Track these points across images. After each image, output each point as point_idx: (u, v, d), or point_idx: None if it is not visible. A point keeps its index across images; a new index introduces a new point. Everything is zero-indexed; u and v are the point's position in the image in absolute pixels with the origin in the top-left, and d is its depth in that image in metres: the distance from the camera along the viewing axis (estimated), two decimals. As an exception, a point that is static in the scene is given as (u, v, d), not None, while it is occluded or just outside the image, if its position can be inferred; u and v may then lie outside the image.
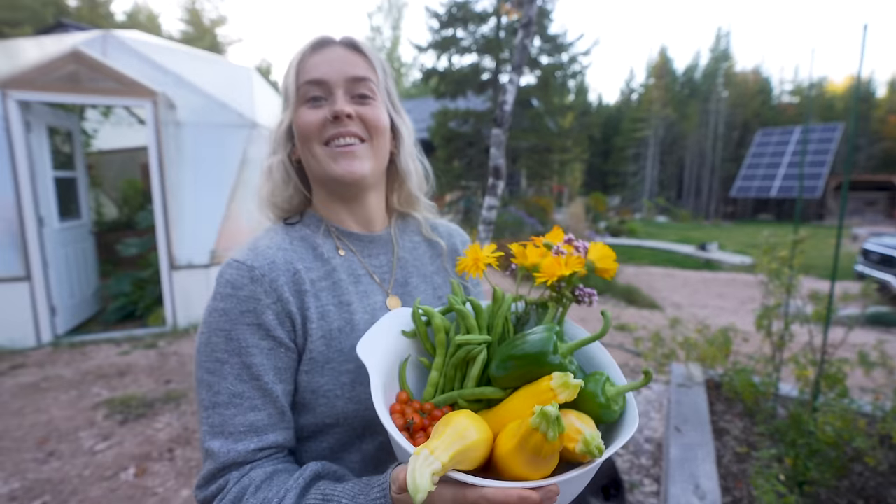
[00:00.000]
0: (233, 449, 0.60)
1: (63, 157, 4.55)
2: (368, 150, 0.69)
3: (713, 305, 7.53)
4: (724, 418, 1.90)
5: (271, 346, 0.63)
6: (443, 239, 0.85)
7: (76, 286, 4.42)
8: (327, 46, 0.70)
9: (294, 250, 0.69)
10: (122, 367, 3.50)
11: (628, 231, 16.88)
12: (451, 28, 11.78)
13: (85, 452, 2.42)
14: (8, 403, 2.95)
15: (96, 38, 4.69)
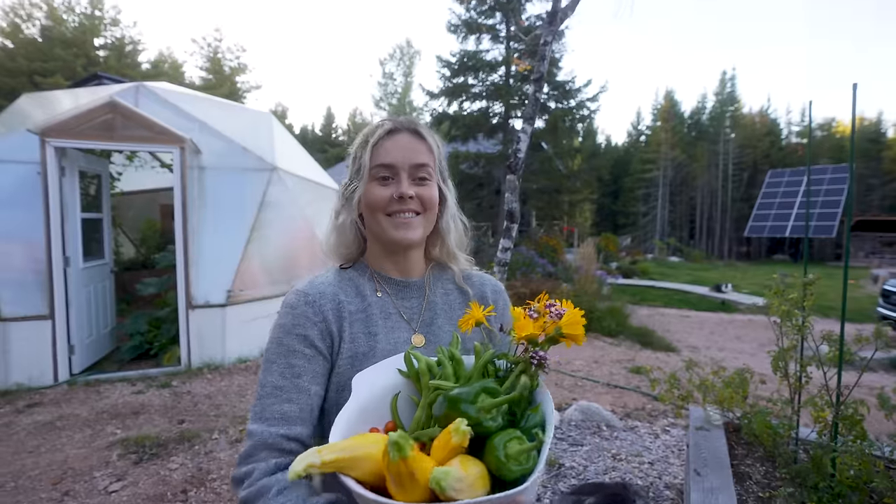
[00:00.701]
0: (266, 430, 0.74)
1: (90, 198, 4.75)
2: (422, 221, 0.86)
3: (731, 348, 7.38)
4: (744, 462, 1.86)
5: (313, 354, 0.80)
6: (474, 287, 0.96)
7: (94, 325, 4.51)
8: (397, 133, 0.86)
9: (341, 287, 0.87)
10: (137, 406, 3.52)
11: (640, 271, 16.77)
12: (462, 76, 12.28)
13: (100, 493, 2.42)
14: (24, 442, 2.97)
15: (129, 88, 5.00)
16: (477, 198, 12.41)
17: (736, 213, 35.40)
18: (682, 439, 3.08)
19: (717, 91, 40.24)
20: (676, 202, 38.68)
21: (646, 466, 2.68)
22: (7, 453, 2.83)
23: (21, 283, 3.86)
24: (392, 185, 0.84)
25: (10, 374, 3.78)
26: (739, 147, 36.87)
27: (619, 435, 3.15)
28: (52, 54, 23.48)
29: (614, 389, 4.25)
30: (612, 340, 6.92)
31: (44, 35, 24.73)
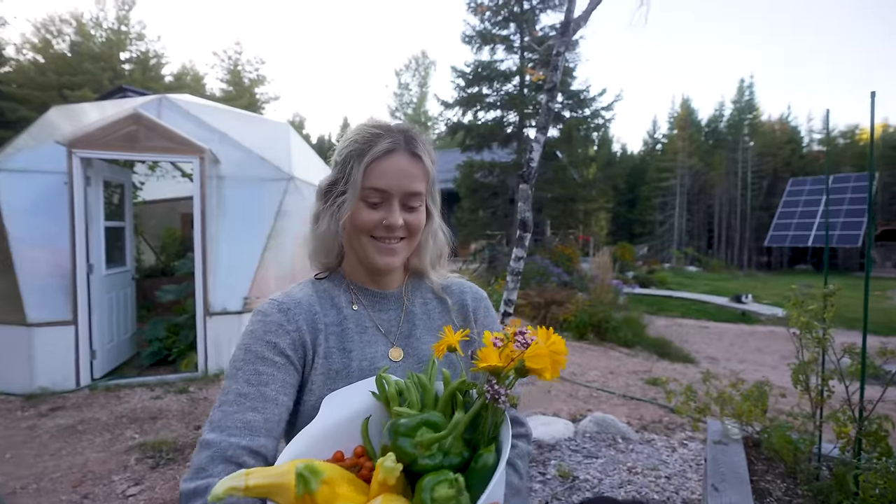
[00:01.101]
0: (225, 441, 0.66)
1: (113, 207, 4.89)
2: (406, 246, 0.84)
3: (752, 360, 7.21)
4: (764, 478, 1.81)
5: (283, 363, 0.75)
6: (453, 296, 0.93)
7: (115, 331, 4.61)
8: (394, 153, 0.80)
9: (317, 298, 0.84)
10: (154, 411, 3.58)
11: (657, 281, 16.53)
12: (477, 86, 12.37)
13: (118, 496, 2.46)
14: (47, 445, 3.04)
15: (153, 100, 5.15)
16: (491, 207, 12.41)
17: (756, 222, 34.73)
18: (700, 453, 3.01)
19: (735, 99, 39.75)
20: (694, 211, 38.12)
21: (662, 480, 2.62)
22: (30, 455, 2.90)
23: (46, 289, 3.98)
24: (382, 210, 0.80)
25: (35, 378, 3.88)
26: (759, 155, 36.27)
27: (635, 448, 3.09)
28: (81, 68, 24.33)
29: (630, 401, 4.18)
30: (628, 351, 6.82)
31: (73, 50, 25.65)
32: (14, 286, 3.89)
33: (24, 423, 3.36)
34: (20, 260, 3.95)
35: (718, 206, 36.83)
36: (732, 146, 37.20)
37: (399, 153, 0.80)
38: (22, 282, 3.91)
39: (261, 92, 33.38)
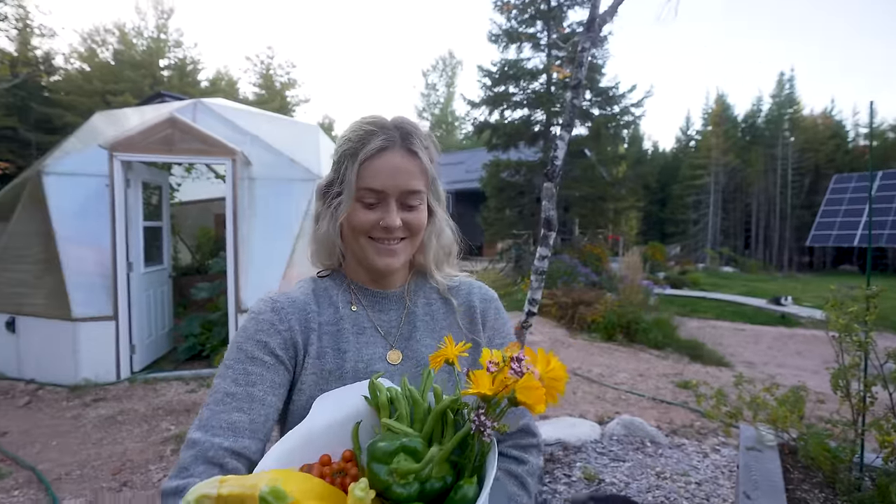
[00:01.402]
0: (209, 441, 0.65)
1: (151, 208, 5.09)
2: (406, 246, 0.81)
3: (791, 364, 6.91)
4: (801, 487, 1.74)
5: (273, 363, 0.74)
6: (459, 296, 0.88)
7: (153, 326, 4.80)
8: (388, 151, 0.76)
9: (314, 297, 0.83)
10: (189, 404, 3.71)
11: (690, 282, 16.04)
12: (503, 85, 12.29)
13: (153, 485, 2.56)
14: (90, 434, 3.20)
15: (188, 105, 5.34)
16: (518, 206, 12.32)
17: (796, 221, 33.28)
18: (733, 460, 2.91)
19: (774, 93, 38.16)
20: (730, 209, 36.82)
21: (692, 487, 2.55)
22: (74, 443, 3.06)
23: (90, 286, 4.18)
24: (378, 210, 0.77)
25: (79, 370, 4.09)
26: (800, 151, 34.72)
27: (664, 452, 3.01)
28: (123, 75, 25.45)
29: (660, 404, 4.08)
30: (658, 353, 6.65)
31: (116, 58, 26.88)
32: (61, 283, 4.11)
33: (69, 412, 3.55)
34: (67, 258, 4.17)
35: (756, 204, 35.47)
36: (771, 142, 35.73)
37: (393, 150, 0.76)
38: (68, 279, 4.12)
39: (291, 95, 34.12)
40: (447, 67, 40.96)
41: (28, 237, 4.39)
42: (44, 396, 3.85)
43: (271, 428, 0.73)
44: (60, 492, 2.48)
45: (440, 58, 43.51)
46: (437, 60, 42.51)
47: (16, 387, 4.01)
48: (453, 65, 40.90)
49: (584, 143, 11.97)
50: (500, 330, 0.89)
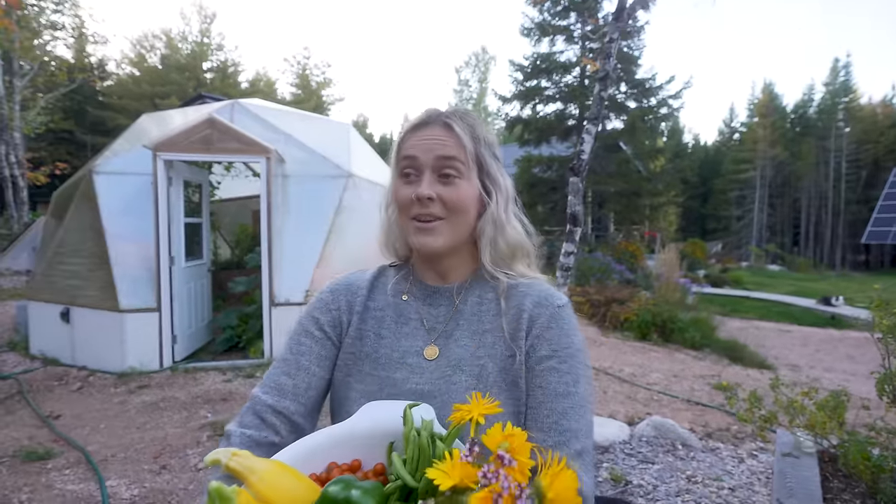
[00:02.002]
0: (259, 396, 0.76)
1: (193, 205, 5.31)
2: (445, 227, 0.78)
3: (840, 369, 6.54)
4: (840, 497, 1.64)
5: (322, 337, 0.81)
6: (514, 298, 0.81)
7: (193, 318, 5.02)
8: (426, 126, 0.79)
9: (373, 283, 0.87)
10: (225, 393, 3.87)
11: (732, 280, 15.41)
12: (536, 79, 12.12)
13: (190, 469, 2.69)
14: (134, 419, 3.38)
15: (226, 105, 5.53)
16: (550, 202, 12.14)
17: (851, 217, 31.35)
18: (771, 466, 2.78)
19: (828, 81, 35.98)
20: (777, 205, 35.06)
21: (725, 492, 2.45)
22: (120, 427, 3.25)
23: (136, 279, 4.41)
24: (415, 183, 0.78)
25: (126, 359, 4.32)
26: (856, 142, 32.64)
27: (697, 456, 2.91)
28: (169, 78, 26.64)
29: (695, 406, 3.94)
30: (695, 353, 6.42)
31: (163, 62, 28.15)
32: (109, 277, 4.36)
33: (116, 398, 3.76)
34: (115, 253, 4.41)
35: (806, 199, 33.63)
36: (823, 133, 33.74)
37: (431, 125, 0.79)
38: (116, 273, 4.36)
39: (327, 94, 34.80)
40: (480, 63, 40.74)
41: (82, 233, 4.66)
42: (94, 382, 4.10)
43: (316, 396, 0.79)
44: (106, 472, 2.64)
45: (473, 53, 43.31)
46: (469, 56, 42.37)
47: (69, 373, 4.29)
48: (486, 60, 40.64)
49: (620, 137, 11.67)
50: (550, 340, 0.76)
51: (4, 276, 10.00)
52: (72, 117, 24.58)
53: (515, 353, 0.76)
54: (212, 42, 30.09)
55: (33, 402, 3.63)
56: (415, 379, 0.76)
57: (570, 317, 0.80)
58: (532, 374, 0.75)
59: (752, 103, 39.83)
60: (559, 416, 0.71)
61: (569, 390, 0.73)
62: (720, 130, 44.51)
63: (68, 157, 21.79)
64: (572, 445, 0.69)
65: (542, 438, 0.70)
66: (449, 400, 0.73)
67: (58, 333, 4.60)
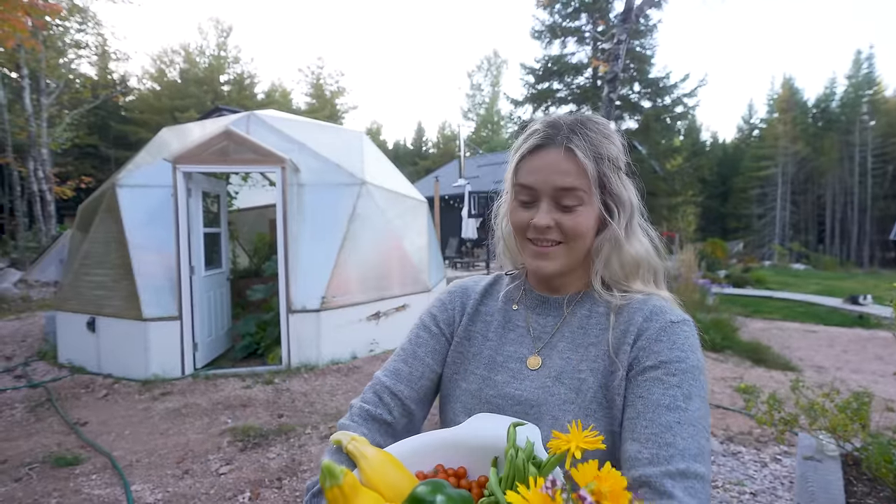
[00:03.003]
0: (379, 378, 0.83)
1: (211, 215, 5.43)
2: (563, 251, 0.76)
3: (869, 370, 6.33)
4: (864, 501, 1.60)
5: (437, 333, 0.87)
6: (624, 313, 0.76)
7: (214, 326, 5.13)
8: (544, 150, 0.75)
9: (485, 288, 0.91)
10: (245, 399, 3.93)
11: (754, 280, 15.05)
12: (547, 81, 12.10)
13: (212, 473, 2.75)
14: (157, 425, 3.47)
15: (242, 117, 5.66)
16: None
17: (878, 213, 30.40)
18: (794, 470, 2.71)
19: (850, 73, 35.08)
20: (800, 202, 34.21)
21: (747, 497, 2.41)
22: (144, 433, 3.33)
23: (158, 289, 4.53)
24: (532, 210, 0.76)
25: (149, 366, 4.44)
26: (882, 136, 31.70)
27: (717, 460, 2.86)
28: (188, 92, 27.32)
29: (716, 410, 3.87)
30: (716, 356, 6.30)
31: (182, 76, 28.89)
32: (133, 286, 4.48)
33: (140, 405, 3.86)
34: (137, 263, 4.54)
35: (831, 195, 32.75)
36: (847, 127, 32.86)
37: (550, 148, 0.74)
38: (139, 283, 4.48)
39: (341, 103, 35.26)
40: (492, 67, 40.81)
41: (106, 244, 4.81)
42: (119, 390, 4.21)
43: (428, 386, 0.84)
44: (131, 477, 2.71)
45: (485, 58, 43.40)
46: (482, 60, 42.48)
47: (95, 381, 4.41)
48: (498, 64, 40.70)
49: (634, 137, 11.56)
50: (659, 352, 0.69)
51: (34, 287, 10.34)
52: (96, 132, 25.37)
53: (618, 367, 0.71)
54: (228, 55, 30.80)
55: (61, 410, 3.75)
56: (515, 384, 0.77)
57: (686, 333, 0.71)
58: (633, 385, 0.69)
59: (771, 99, 39.05)
60: (661, 429, 0.62)
61: (677, 404, 0.63)
62: (739, 127, 43.70)
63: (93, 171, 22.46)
64: (675, 463, 0.59)
65: (636, 450, 0.62)
66: (547, 411, 0.73)
67: (84, 342, 4.74)
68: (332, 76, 35.58)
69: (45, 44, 13.82)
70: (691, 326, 0.73)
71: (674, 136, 14.87)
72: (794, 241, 31.05)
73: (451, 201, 15.70)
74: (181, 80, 28.64)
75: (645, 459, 0.60)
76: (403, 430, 0.80)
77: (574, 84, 11.90)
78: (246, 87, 30.76)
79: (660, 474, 0.58)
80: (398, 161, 7.69)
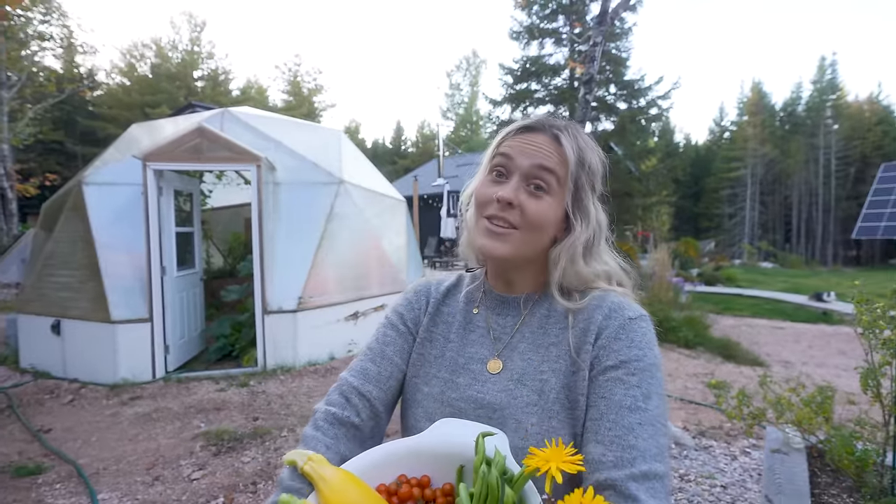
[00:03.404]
0: (346, 378, 0.80)
1: (184, 214, 5.29)
2: (517, 238, 0.73)
3: (832, 364, 6.59)
4: (828, 492, 1.66)
5: (405, 331, 0.86)
6: (583, 312, 0.75)
7: (186, 328, 4.99)
8: (533, 132, 0.75)
9: (448, 287, 0.89)
10: (219, 402, 3.84)
11: (725, 278, 15.51)
12: (526, 82, 12.20)
13: (184, 479, 2.67)
14: (126, 430, 3.36)
15: (216, 114, 5.53)
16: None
17: (841, 213, 31.67)
18: (763, 463, 2.80)
19: (815, 79, 36.44)
20: (768, 202, 35.37)
21: (718, 490, 2.47)
22: (113, 440, 3.22)
23: (127, 290, 4.38)
24: (500, 185, 0.74)
25: (118, 370, 4.29)
26: (844, 139, 33.04)
27: (690, 454, 2.93)
28: (160, 87, 26.56)
29: (688, 405, 3.96)
30: (688, 352, 6.46)
31: (153, 71, 28.07)
32: (100, 288, 4.33)
33: (108, 410, 3.74)
34: (105, 264, 4.39)
35: (797, 196, 33.96)
36: (812, 131, 34.13)
37: (539, 132, 0.75)
38: (107, 283, 4.33)
39: (318, 100, 34.83)
40: (471, 67, 40.93)
41: (72, 244, 4.63)
42: (86, 395, 4.06)
43: (395, 387, 0.82)
44: (98, 485, 2.62)
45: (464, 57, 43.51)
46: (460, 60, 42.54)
47: (61, 386, 4.25)
48: (477, 64, 40.83)
49: (610, 138, 11.76)
50: (618, 351, 0.69)
51: (-6, 289, 9.90)
52: (61, 128, 24.43)
53: (580, 367, 0.71)
54: (202, 50, 30.06)
55: (23, 417, 3.60)
56: (477, 387, 0.76)
57: (643, 330, 0.72)
58: (595, 385, 0.69)
59: (741, 102, 40.26)
60: (624, 431, 0.63)
61: (637, 405, 0.65)
62: (710, 129, 44.94)
63: (58, 168, 21.65)
64: (638, 465, 0.60)
65: (601, 453, 0.63)
66: (510, 414, 0.71)
67: (48, 346, 4.56)
68: (310, 74, 35.12)
69: (6, 35, 13.23)
70: (648, 322, 0.74)
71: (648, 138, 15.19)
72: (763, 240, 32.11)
73: (430, 201, 15.70)
74: (152, 76, 27.82)
75: (609, 463, 0.61)
76: (370, 433, 0.78)
77: (552, 85, 12.02)
78: (220, 84, 30.07)
79: (624, 478, 0.60)
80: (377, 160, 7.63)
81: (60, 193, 5.19)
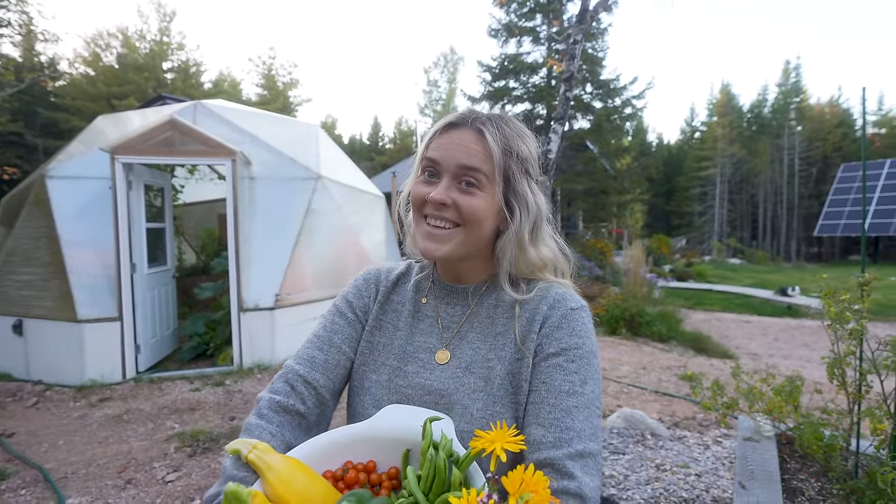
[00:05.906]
0: (292, 367, 0.79)
1: (154, 209, 5.13)
2: (457, 235, 0.75)
3: (797, 356, 6.87)
4: (797, 477, 1.73)
5: (354, 319, 0.85)
6: (529, 303, 0.78)
7: (158, 326, 4.85)
8: (456, 128, 0.76)
9: (397, 276, 0.89)
10: (193, 402, 3.75)
11: (696, 274, 15.97)
12: (504, 79, 12.25)
13: (158, 482, 2.60)
14: (95, 433, 3.24)
15: (189, 107, 5.37)
16: (521, 201, 12.31)
17: (804, 211, 32.97)
18: (734, 451, 2.90)
19: (780, 82, 37.76)
20: (736, 201, 36.54)
21: (692, 478, 2.54)
22: (81, 443, 3.10)
23: (94, 288, 4.22)
24: (434, 185, 0.75)
25: (85, 371, 4.14)
26: (807, 140, 34.36)
27: (665, 444, 3.00)
28: (127, 79, 25.59)
29: (663, 397, 4.07)
30: (662, 346, 6.63)
31: (120, 62, 27.01)
32: (66, 286, 4.16)
33: (75, 412, 3.60)
34: (71, 261, 4.21)
35: (763, 195, 35.17)
36: (778, 132, 35.39)
37: (462, 128, 0.75)
38: (73, 281, 4.16)
39: (294, 95, 34.18)
40: (449, 64, 40.82)
41: (35, 240, 4.43)
42: (51, 397, 3.90)
43: (343, 375, 0.82)
44: (67, 490, 2.52)
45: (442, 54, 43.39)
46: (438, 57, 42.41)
47: (24, 388, 4.07)
48: (455, 61, 40.75)
49: (586, 136, 11.93)
50: (560, 339, 0.73)
51: (-51, 288, 9.40)
52: (21, 119, 23.30)
53: (525, 354, 0.74)
54: (172, 41, 29.08)
55: (-16, 421, 3.43)
56: (425, 374, 0.77)
57: (583, 320, 0.76)
58: (537, 371, 0.72)
59: (711, 103, 41.39)
60: (562, 414, 0.67)
61: (574, 389, 0.69)
62: (682, 129, 46.06)
63: (18, 161, 20.67)
64: (574, 445, 0.65)
65: (541, 434, 0.67)
66: (457, 400, 0.73)
67: (10, 347, 4.36)
68: (285, 67, 34.40)
69: (-41, 20, 12.53)
70: (588, 312, 0.79)
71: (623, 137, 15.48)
72: (731, 237, 33.18)
73: (409, 197, 15.57)
74: (119, 66, 26.76)
75: (549, 443, 0.66)
76: (316, 421, 0.78)
77: (530, 83, 12.11)
78: (192, 76, 29.17)
79: (562, 456, 0.64)
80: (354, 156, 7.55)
81: (21, 188, 4.95)
